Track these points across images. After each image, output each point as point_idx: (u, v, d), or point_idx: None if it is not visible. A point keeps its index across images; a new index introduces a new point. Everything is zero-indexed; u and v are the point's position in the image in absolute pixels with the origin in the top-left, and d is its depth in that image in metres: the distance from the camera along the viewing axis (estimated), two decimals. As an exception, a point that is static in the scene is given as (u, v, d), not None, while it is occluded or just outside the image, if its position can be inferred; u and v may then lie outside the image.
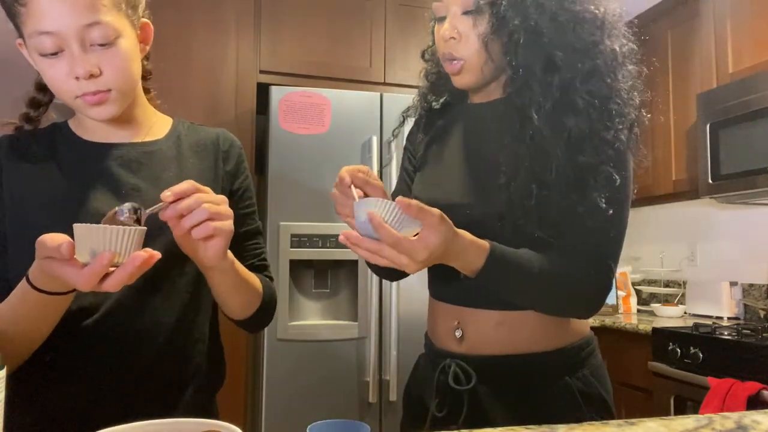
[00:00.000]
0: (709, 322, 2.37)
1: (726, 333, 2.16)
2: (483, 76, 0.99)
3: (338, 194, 0.90)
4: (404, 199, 0.76)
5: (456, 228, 0.83)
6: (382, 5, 2.83)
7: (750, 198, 2.50)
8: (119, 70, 0.87)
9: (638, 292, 3.28)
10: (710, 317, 2.72)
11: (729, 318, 2.67)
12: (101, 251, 0.68)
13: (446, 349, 1.01)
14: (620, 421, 0.75)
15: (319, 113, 2.45)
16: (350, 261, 2.40)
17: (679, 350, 2.22)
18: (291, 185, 2.40)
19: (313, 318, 2.45)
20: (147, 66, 1.03)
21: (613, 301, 3.00)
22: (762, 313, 2.62)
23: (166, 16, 2.49)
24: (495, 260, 0.86)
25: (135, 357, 0.89)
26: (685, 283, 3.01)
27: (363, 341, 2.40)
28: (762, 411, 0.80)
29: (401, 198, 0.76)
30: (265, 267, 1.06)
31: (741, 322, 2.53)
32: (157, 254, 0.72)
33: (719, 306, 2.71)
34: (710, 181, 2.46)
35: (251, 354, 2.64)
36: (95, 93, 0.86)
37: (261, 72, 2.66)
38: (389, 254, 0.77)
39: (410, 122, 1.20)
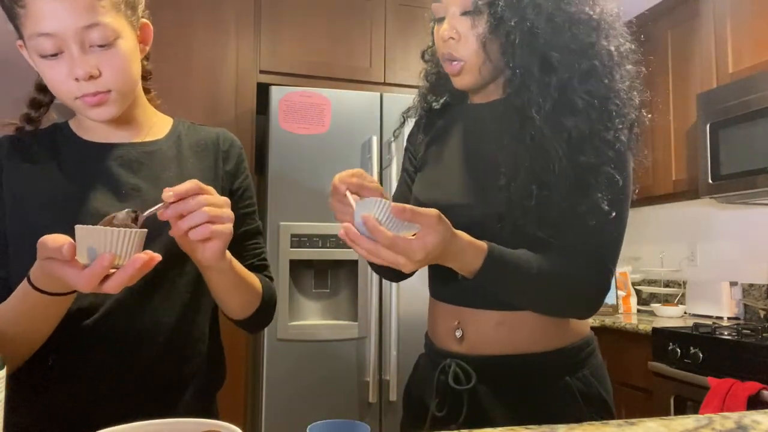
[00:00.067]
0: (709, 322, 2.37)
1: (726, 333, 2.16)
2: (482, 77, 0.99)
3: (336, 203, 0.91)
4: (398, 205, 0.76)
5: (455, 229, 0.83)
6: (382, 5, 2.83)
7: (750, 198, 2.50)
8: (119, 71, 0.87)
9: (638, 292, 3.28)
10: (710, 317, 2.72)
11: (729, 318, 2.67)
12: (102, 253, 0.68)
13: (446, 349, 1.01)
14: (620, 421, 0.75)
15: (319, 113, 2.45)
16: (350, 261, 2.40)
17: (679, 350, 2.22)
18: (291, 185, 2.40)
19: (313, 318, 2.45)
20: (147, 66, 1.03)
21: (613, 301, 3.00)
22: (762, 313, 2.62)
23: (166, 17, 2.49)
24: (493, 261, 0.86)
25: (135, 357, 0.89)
26: (685, 283, 3.01)
27: (363, 341, 2.40)
28: (762, 411, 0.80)
29: (396, 204, 0.77)
30: (265, 267, 1.06)
31: (741, 322, 2.53)
32: (158, 256, 0.72)
33: (719, 306, 2.71)
34: (710, 181, 2.46)
35: (251, 354, 2.64)
36: (95, 94, 0.86)
37: (261, 72, 2.66)
38: (385, 255, 0.78)
39: (411, 123, 1.20)
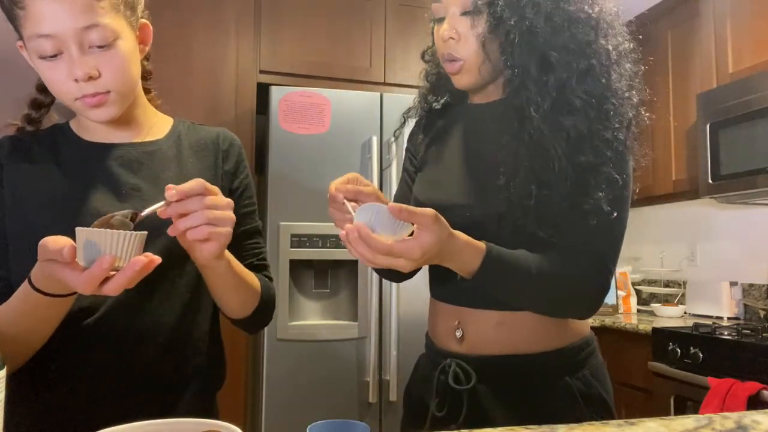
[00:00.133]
0: (709, 322, 2.37)
1: (726, 333, 2.16)
2: (481, 77, 0.99)
3: (335, 212, 0.91)
4: (395, 205, 0.77)
5: (454, 229, 0.83)
6: (382, 5, 2.83)
7: (750, 198, 2.50)
8: (118, 72, 0.87)
9: (638, 292, 3.28)
10: (710, 317, 2.72)
11: (729, 318, 2.67)
12: (102, 255, 0.68)
13: (446, 349, 1.01)
14: (620, 421, 0.75)
15: (319, 113, 2.45)
16: (350, 261, 2.40)
17: (679, 350, 2.22)
18: (291, 185, 2.40)
19: (313, 318, 2.45)
20: (147, 66, 1.03)
21: (613, 301, 3.00)
22: (762, 313, 2.61)
23: (166, 17, 2.49)
24: (492, 261, 0.86)
25: (135, 357, 0.89)
26: (685, 283, 3.01)
27: (363, 341, 2.40)
28: (762, 411, 0.80)
29: (392, 204, 0.77)
30: (265, 267, 1.06)
31: (741, 322, 2.53)
32: (158, 259, 0.72)
33: (719, 306, 2.71)
34: (710, 181, 2.46)
35: (251, 354, 2.64)
36: (94, 95, 0.86)
37: (261, 72, 2.66)
38: (383, 261, 0.78)
39: (411, 123, 1.20)
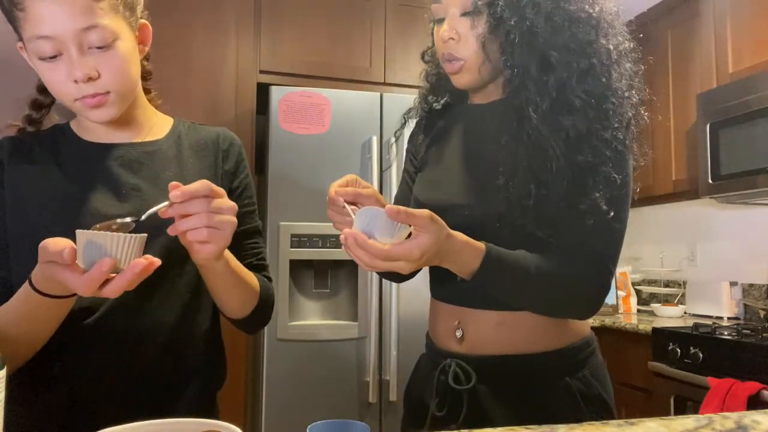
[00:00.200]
0: (709, 322, 2.37)
1: (726, 333, 2.16)
2: (481, 77, 0.99)
3: (334, 214, 0.92)
4: (392, 207, 0.77)
5: (453, 229, 0.83)
6: (382, 5, 2.83)
7: (750, 198, 2.50)
8: (117, 72, 0.87)
9: (638, 292, 3.28)
10: (710, 317, 2.72)
11: (729, 318, 2.67)
12: (102, 258, 0.69)
13: (446, 349, 1.01)
14: (620, 421, 0.75)
15: (319, 113, 2.45)
16: (350, 261, 2.36)
17: (679, 350, 2.22)
18: (291, 185, 2.40)
19: (313, 318, 2.45)
20: (147, 67, 1.03)
21: (613, 301, 3.00)
22: (762, 313, 2.61)
23: (166, 17, 2.49)
24: (491, 261, 0.86)
25: (135, 357, 0.89)
26: (685, 283, 3.01)
27: (363, 341, 2.40)
28: (762, 411, 0.80)
29: (389, 207, 0.77)
30: (264, 267, 1.05)
31: (741, 322, 2.53)
32: (157, 261, 0.72)
33: (719, 306, 2.71)
34: (710, 181, 2.46)
35: (251, 354, 2.64)
36: (94, 95, 0.86)
37: (261, 72, 2.66)
38: (382, 265, 0.78)
39: (412, 124, 1.20)
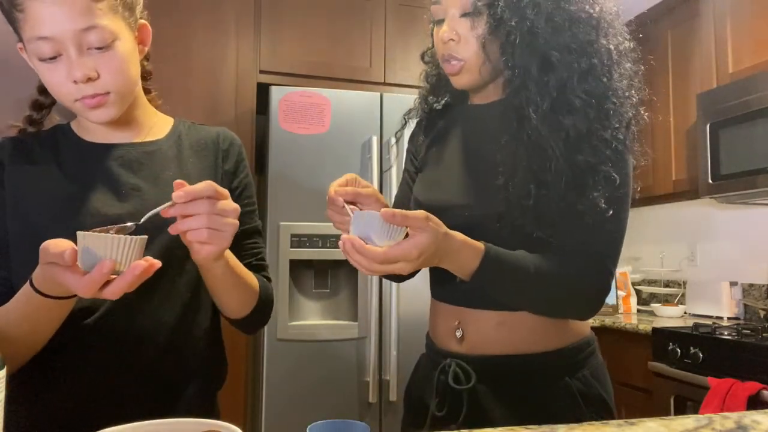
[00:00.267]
0: (709, 322, 2.37)
1: (726, 333, 2.16)
2: (481, 77, 0.99)
3: (333, 214, 0.92)
4: (387, 211, 0.77)
5: (453, 229, 0.84)
6: (382, 5, 2.83)
7: (750, 198, 2.50)
8: (117, 73, 0.87)
9: (638, 292, 3.28)
10: (710, 317, 2.72)
11: (729, 318, 2.67)
12: (102, 259, 0.69)
13: (446, 349, 1.01)
14: (620, 421, 0.75)
15: (319, 113, 2.45)
16: (350, 261, 2.40)
17: (679, 350, 2.22)
18: (291, 185, 2.40)
19: (313, 318, 2.45)
20: (147, 67, 1.03)
21: (613, 301, 3.00)
22: (762, 313, 2.61)
23: (166, 17, 2.49)
24: (490, 261, 0.86)
25: (135, 356, 0.89)
26: (685, 283, 3.01)
27: (363, 341, 2.40)
28: (762, 411, 0.80)
29: (384, 210, 0.77)
30: (263, 267, 1.05)
31: (741, 322, 2.53)
32: (157, 263, 0.73)
33: (719, 306, 2.71)
34: (710, 181, 2.46)
35: (251, 354, 2.64)
36: (93, 96, 0.86)
37: (261, 72, 2.66)
38: (381, 268, 0.79)
39: (412, 124, 1.20)
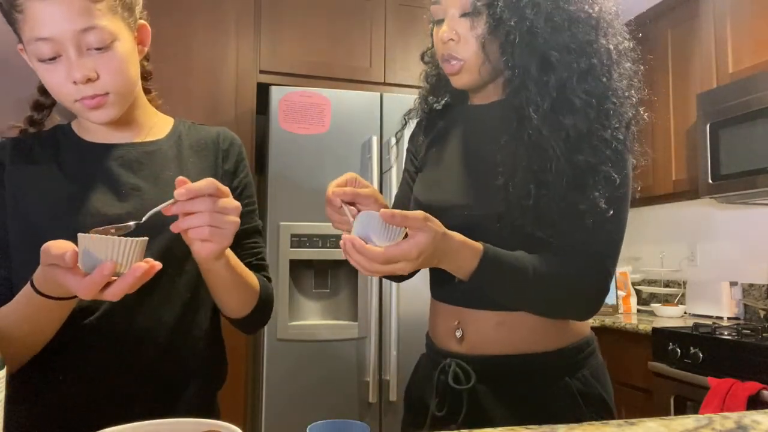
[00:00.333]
0: (709, 322, 2.37)
1: (726, 333, 2.16)
2: (481, 77, 0.99)
3: (333, 213, 0.92)
4: (386, 211, 0.77)
5: (453, 229, 0.84)
6: (382, 5, 2.83)
7: (750, 198, 2.50)
8: (116, 73, 0.87)
9: (638, 292, 3.27)
10: (710, 317, 2.72)
11: (729, 318, 2.67)
12: (103, 261, 0.69)
13: (446, 349, 1.01)
14: (620, 421, 0.75)
15: (319, 113, 2.45)
16: (350, 261, 2.40)
17: (679, 350, 2.22)
18: (291, 185, 2.40)
19: (313, 318, 2.45)
20: (147, 67, 1.03)
21: (613, 301, 3.00)
22: (762, 313, 2.61)
23: (166, 17, 2.49)
24: (489, 262, 0.86)
25: (135, 356, 0.89)
26: (685, 283, 3.01)
27: (363, 341, 2.40)
28: (762, 411, 0.80)
29: (383, 210, 0.77)
30: (263, 267, 1.05)
31: (741, 322, 2.53)
32: (158, 265, 0.73)
33: (719, 306, 2.71)
34: (710, 181, 2.46)
35: (251, 354, 2.64)
36: (93, 97, 0.86)
37: (261, 72, 2.66)
38: (381, 269, 0.79)
39: (412, 124, 1.20)
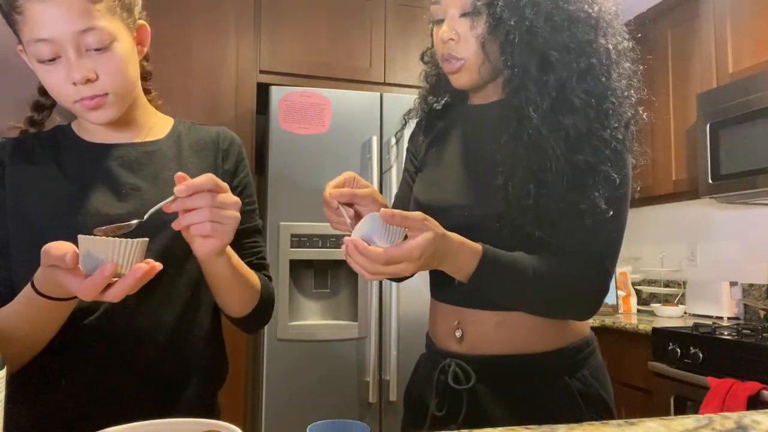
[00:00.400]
0: (709, 322, 2.37)
1: (726, 333, 2.16)
2: (480, 77, 0.99)
3: (331, 214, 0.92)
4: (386, 211, 0.77)
5: (453, 229, 0.84)
6: (382, 5, 2.83)
7: (750, 198, 2.50)
8: (115, 74, 0.87)
9: (638, 292, 3.27)
10: (710, 317, 2.72)
11: (729, 318, 2.67)
12: (104, 263, 0.69)
13: (446, 349, 1.01)
14: (620, 421, 0.75)
15: (319, 113, 2.45)
16: (350, 261, 2.40)
17: (679, 350, 2.22)
18: (291, 185, 2.40)
19: (313, 318, 2.45)
20: (147, 67, 1.03)
21: (613, 301, 3.00)
22: (762, 313, 2.61)
23: (166, 17, 2.49)
24: (488, 262, 0.86)
25: (135, 356, 0.89)
26: (685, 283, 3.01)
27: (363, 341, 2.40)
28: (762, 411, 0.80)
29: (383, 210, 0.78)
30: (264, 266, 1.05)
31: (741, 322, 2.53)
32: (159, 266, 0.73)
33: (719, 306, 2.71)
34: (710, 181, 2.46)
35: (251, 354, 2.64)
36: (93, 97, 0.86)
37: (261, 72, 2.66)
38: (383, 270, 0.79)
39: (412, 124, 1.20)
